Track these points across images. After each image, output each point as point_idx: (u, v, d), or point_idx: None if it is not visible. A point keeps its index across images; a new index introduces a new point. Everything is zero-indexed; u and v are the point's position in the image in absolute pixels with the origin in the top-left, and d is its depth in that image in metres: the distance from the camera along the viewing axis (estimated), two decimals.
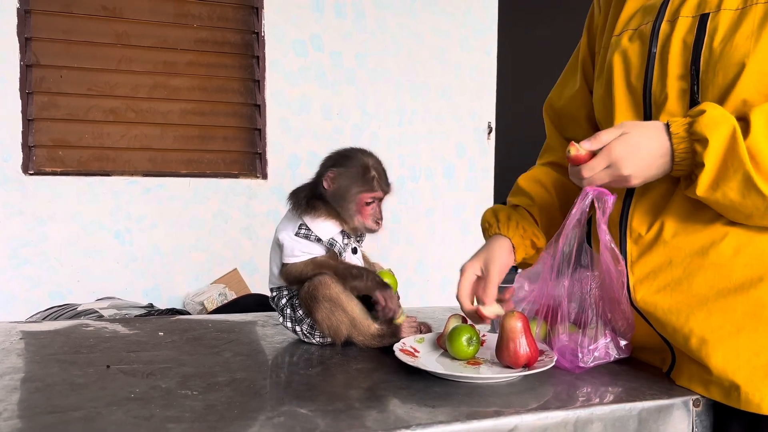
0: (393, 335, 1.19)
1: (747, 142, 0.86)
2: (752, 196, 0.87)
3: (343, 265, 1.22)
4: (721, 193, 0.89)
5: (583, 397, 0.94)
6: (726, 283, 0.94)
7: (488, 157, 3.55)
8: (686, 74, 0.97)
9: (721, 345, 0.93)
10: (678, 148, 0.90)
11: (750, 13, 0.92)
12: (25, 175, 2.78)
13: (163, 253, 3.00)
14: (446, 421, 0.83)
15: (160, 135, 3.01)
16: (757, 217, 0.91)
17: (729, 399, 0.93)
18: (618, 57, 1.06)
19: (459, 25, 3.44)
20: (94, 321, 1.47)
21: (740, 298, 0.93)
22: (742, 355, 0.92)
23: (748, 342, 0.92)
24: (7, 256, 2.78)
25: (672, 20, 0.99)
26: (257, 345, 1.27)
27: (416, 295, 3.32)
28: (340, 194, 1.20)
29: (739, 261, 0.93)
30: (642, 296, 1.01)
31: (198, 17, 3.03)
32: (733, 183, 0.87)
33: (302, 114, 3.18)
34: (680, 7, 0.98)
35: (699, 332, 0.95)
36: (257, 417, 0.85)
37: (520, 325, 1.02)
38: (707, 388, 0.95)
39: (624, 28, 1.07)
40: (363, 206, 1.21)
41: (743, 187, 0.87)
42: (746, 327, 0.92)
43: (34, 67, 2.79)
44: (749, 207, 0.89)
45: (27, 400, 0.91)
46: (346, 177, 1.20)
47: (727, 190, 0.88)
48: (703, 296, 0.95)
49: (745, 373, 0.91)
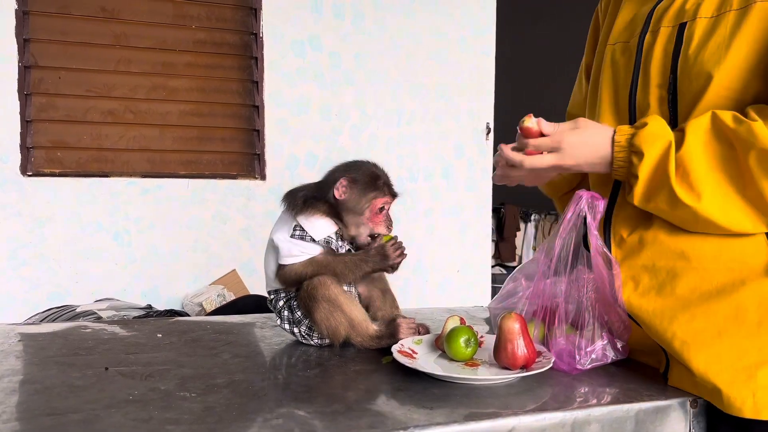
0: (391, 336, 1.19)
1: (679, 154, 0.91)
2: (679, 208, 0.93)
3: (341, 262, 1.22)
4: (654, 205, 0.96)
5: (581, 399, 0.94)
6: (708, 286, 0.95)
7: (487, 157, 3.55)
8: (665, 83, 1.00)
9: (703, 348, 0.93)
10: (617, 156, 0.96)
11: (723, 21, 0.95)
12: (24, 177, 2.78)
13: (161, 254, 3.00)
14: (444, 423, 0.83)
15: (158, 136, 3.01)
16: (690, 226, 0.96)
17: (713, 400, 0.93)
18: (608, 69, 1.10)
19: (457, 26, 3.45)
20: (93, 323, 1.47)
21: (722, 302, 0.94)
22: (724, 359, 0.92)
23: (729, 346, 0.92)
24: (6, 257, 2.78)
25: (655, 30, 1.02)
26: (256, 346, 1.27)
27: (414, 296, 3.32)
28: (353, 201, 1.22)
29: (721, 265, 0.95)
30: (627, 299, 1.02)
31: (196, 18, 3.03)
32: (662, 196, 0.94)
33: (301, 115, 3.18)
34: (662, 18, 1.02)
35: (681, 335, 0.95)
36: (256, 419, 0.85)
37: (518, 326, 1.02)
38: (696, 389, 0.96)
39: (617, 39, 1.10)
40: (375, 213, 1.23)
41: (670, 199, 0.93)
42: (728, 330, 0.93)
43: (32, 68, 2.79)
44: (680, 217, 0.95)
45: (26, 402, 0.91)
46: (358, 184, 1.22)
47: (659, 202, 0.95)
48: (686, 299, 0.96)
49: (727, 376, 0.91)
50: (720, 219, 0.92)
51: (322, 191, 1.24)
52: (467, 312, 1.60)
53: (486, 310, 1.62)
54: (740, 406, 0.89)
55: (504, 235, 5.12)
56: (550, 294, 1.09)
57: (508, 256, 5.19)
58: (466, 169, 3.52)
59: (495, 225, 4.93)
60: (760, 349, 0.91)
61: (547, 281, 1.09)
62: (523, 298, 1.15)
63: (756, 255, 0.94)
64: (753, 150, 0.87)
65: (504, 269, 5.24)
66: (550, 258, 1.06)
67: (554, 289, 1.08)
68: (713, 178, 0.91)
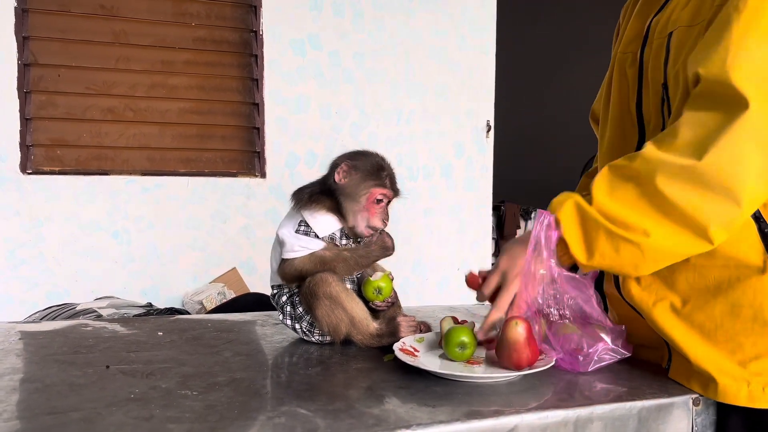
0: (392, 335, 1.19)
1: (593, 207, 0.93)
2: (623, 248, 0.92)
3: (341, 258, 1.21)
4: (599, 256, 0.94)
5: (583, 397, 0.94)
6: (705, 283, 0.98)
7: (487, 156, 3.55)
8: (659, 91, 1.02)
9: (700, 340, 0.97)
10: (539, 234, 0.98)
11: (696, 29, 0.96)
12: (23, 175, 2.77)
13: (161, 252, 3.00)
14: (446, 421, 0.83)
15: (158, 134, 3.00)
16: (643, 268, 0.95)
17: (707, 392, 0.96)
18: (617, 78, 1.14)
19: (457, 25, 3.44)
20: (93, 321, 1.47)
21: (718, 298, 0.97)
22: (720, 351, 0.96)
23: (725, 339, 0.96)
24: (5, 256, 2.77)
25: (651, 42, 1.06)
26: (257, 344, 1.27)
27: (414, 295, 3.32)
28: (352, 187, 1.21)
29: (716, 262, 0.97)
30: (629, 290, 1.04)
31: (196, 16, 3.03)
32: (599, 242, 0.94)
33: (300, 113, 3.18)
34: (655, 29, 1.05)
35: (681, 328, 0.98)
36: (257, 417, 0.85)
37: (524, 335, 1.00)
38: (689, 382, 0.99)
39: (625, 49, 1.13)
40: (372, 203, 1.21)
41: (610, 242, 0.93)
42: (724, 325, 0.96)
43: (31, 66, 2.78)
44: (628, 259, 0.93)
45: (26, 401, 0.91)
46: (360, 171, 1.21)
47: (602, 251, 0.94)
48: (685, 294, 0.99)
49: (722, 367, 0.95)
50: (667, 246, 0.92)
51: (326, 182, 1.23)
52: (468, 309, 1.60)
53: (486, 308, 1.62)
54: (735, 393, 0.93)
55: (504, 233, 5.11)
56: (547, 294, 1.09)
57: None
58: (465, 167, 3.52)
59: (495, 223, 4.93)
60: (754, 343, 0.94)
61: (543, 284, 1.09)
62: None
63: (750, 253, 0.95)
64: (656, 175, 0.89)
65: None
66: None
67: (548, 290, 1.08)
68: (637, 213, 0.92)
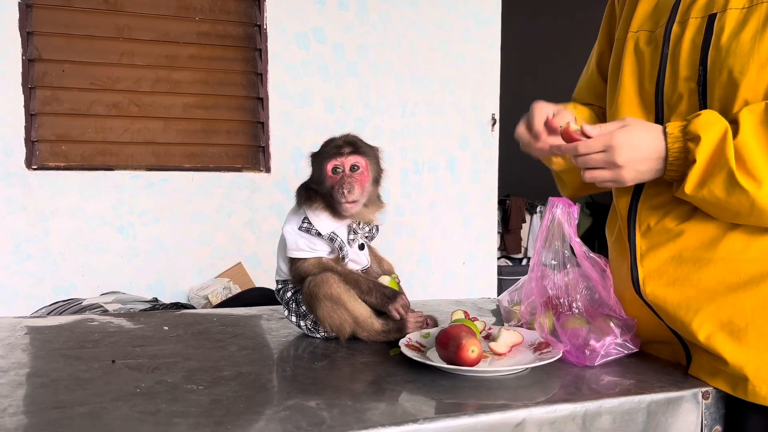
0: (398, 331, 1.18)
1: (735, 142, 0.88)
2: (736, 194, 0.89)
3: (352, 278, 1.20)
4: (708, 191, 0.91)
5: (591, 390, 0.93)
6: (735, 278, 0.94)
7: (492, 149, 3.53)
8: (694, 75, 0.97)
9: (730, 339, 0.94)
10: (672, 148, 0.93)
11: (755, 13, 0.92)
12: (28, 170, 2.78)
13: (166, 247, 3.00)
14: (454, 415, 0.83)
15: (162, 129, 3.00)
16: (743, 216, 0.92)
17: (736, 390, 0.94)
18: (631, 58, 1.07)
19: (462, 17, 3.42)
20: (99, 316, 1.47)
21: (749, 293, 0.93)
22: (751, 349, 0.93)
23: (756, 337, 0.93)
24: (10, 251, 2.78)
25: (683, 21, 1.00)
26: (262, 339, 1.27)
27: (419, 288, 3.31)
28: (316, 173, 1.22)
29: (748, 256, 0.94)
30: (651, 290, 1.01)
31: (200, 10, 3.02)
32: (718, 180, 0.90)
33: (305, 107, 3.17)
34: (690, 9, 0.99)
35: (708, 326, 0.95)
36: (264, 411, 0.84)
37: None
38: (714, 379, 0.96)
39: (640, 27, 1.07)
40: (331, 176, 1.18)
41: (728, 184, 0.89)
42: (755, 321, 0.93)
43: (36, 62, 2.78)
44: (734, 204, 0.90)
45: (32, 395, 0.91)
46: (317, 156, 1.22)
47: (713, 188, 0.90)
48: (712, 291, 0.96)
49: (753, 366, 0.92)
50: None
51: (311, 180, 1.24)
52: (475, 303, 1.59)
53: (493, 302, 1.61)
54: (766, 394, 0.91)
55: (509, 227, 5.10)
56: (557, 285, 1.09)
57: (513, 248, 5.18)
58: (470, 160, 3.51)
59: (500, 217, 4.91)
60: None
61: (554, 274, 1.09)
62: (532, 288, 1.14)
63: None
64: None
65: (509, 261, 5.23)
66: (535, 262, 1.08)
67: (563, 279, 1.08)
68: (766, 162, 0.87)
